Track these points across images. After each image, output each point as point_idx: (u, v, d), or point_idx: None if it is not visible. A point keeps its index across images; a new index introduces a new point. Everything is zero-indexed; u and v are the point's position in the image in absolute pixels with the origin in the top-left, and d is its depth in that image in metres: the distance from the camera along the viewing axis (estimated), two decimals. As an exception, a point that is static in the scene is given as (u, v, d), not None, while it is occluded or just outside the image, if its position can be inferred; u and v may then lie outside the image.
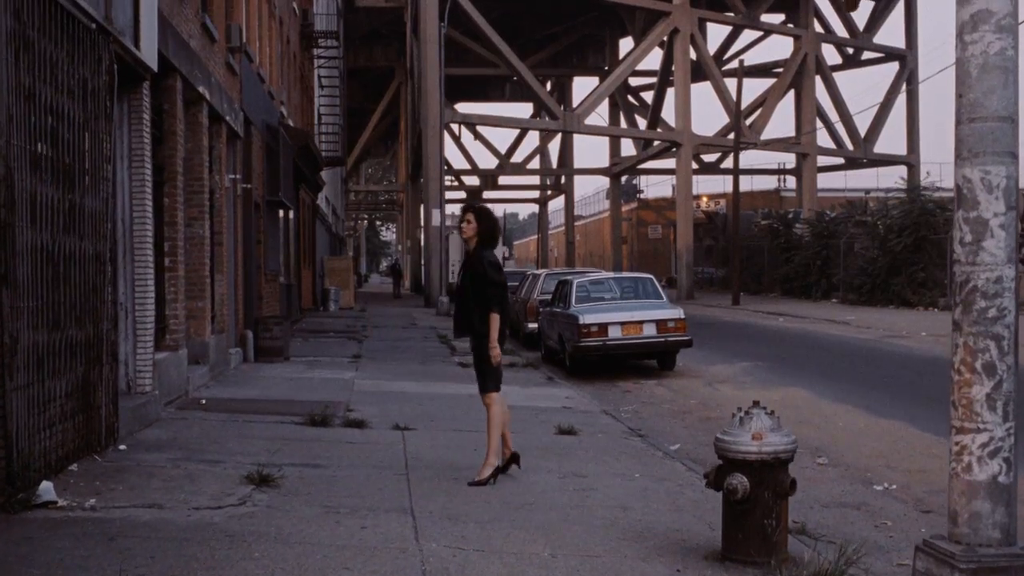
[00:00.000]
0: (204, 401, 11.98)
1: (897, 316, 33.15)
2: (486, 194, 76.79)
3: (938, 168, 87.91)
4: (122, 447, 8.79)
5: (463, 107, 53.41)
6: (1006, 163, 3.78)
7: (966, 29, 3.83)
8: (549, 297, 22.29)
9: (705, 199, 73.98)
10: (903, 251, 36.45)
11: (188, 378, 12.63)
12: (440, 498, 7.59)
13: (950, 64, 54.24)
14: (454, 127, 67.57)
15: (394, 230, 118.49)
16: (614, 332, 17.04)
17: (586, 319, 17.02)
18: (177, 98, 12.24)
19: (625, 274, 19.20)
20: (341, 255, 48.02)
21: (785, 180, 72.07)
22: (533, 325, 22.15)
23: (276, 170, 20.75)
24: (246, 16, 18.60)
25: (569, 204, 71.86)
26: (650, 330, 17.10)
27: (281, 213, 22.63)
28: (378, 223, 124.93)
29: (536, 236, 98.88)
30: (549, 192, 77.00)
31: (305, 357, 18.44)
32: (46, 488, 6.73)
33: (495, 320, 8.07)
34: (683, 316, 17.19)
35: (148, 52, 10.12)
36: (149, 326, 10.53)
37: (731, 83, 53.64)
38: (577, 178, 75.87)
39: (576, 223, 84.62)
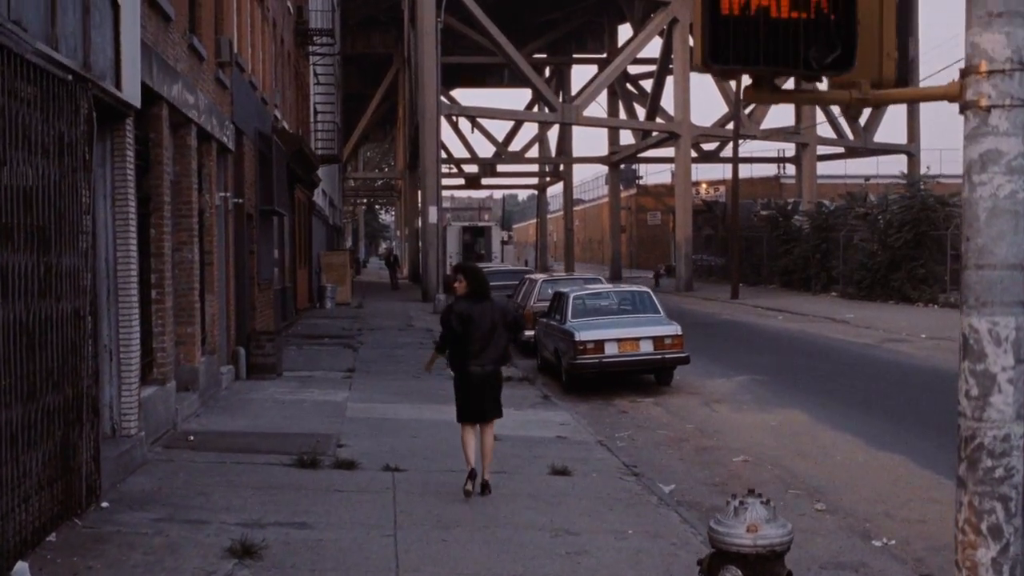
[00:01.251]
0: (192, 437, 11.78)
1: (897, 313, 32.94)
2: (484, 181, 76.47)
3: (938, 155, 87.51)
4: (105, 504, 8.59)
5: (461, 93, 53.13)
6: (1016, 314, 3.56)
7: (974, 169, 3.61)
8: (546, 305, 22.19)
9: (704, 185, 73.67)
10: (903, 246, 36.22)
11: (176, 410, 12.43)
12: (428, 568, 7.40)
13: (953, 62, 54.04)
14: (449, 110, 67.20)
15: (393, 213, 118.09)
16: (610, 349, 16.84)
17: (582, 336, 16.82)
18: (163, 126, 12.00)
19: (622, 287, 18.97)
20: (338, 248, 47.78)
21: (784, 167, 71.70)
22: (530, 333, 21.89)
23: (269, 179, 20.50)
24: (237, 26, 18.30)
25: (568, 192, 71.49)
26: (647, 347, 16.90)
27: (275, 219, 22.38)
28: (377, 207, 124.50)
29: (535, 220, 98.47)
30: (548, 179, 76.61)
31: (298, 372, 18.23)
32: (21, 570, 6.53)
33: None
34: (680, 332, 16.97)
35: (131, 90, 9.87)
36: (134, 367, 10.31)
37: (731, 72, 53.26)
38: (576, 164, 75.57)
39: (575, 207, 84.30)
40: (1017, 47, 3.56)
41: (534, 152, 66.61)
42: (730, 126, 47.92)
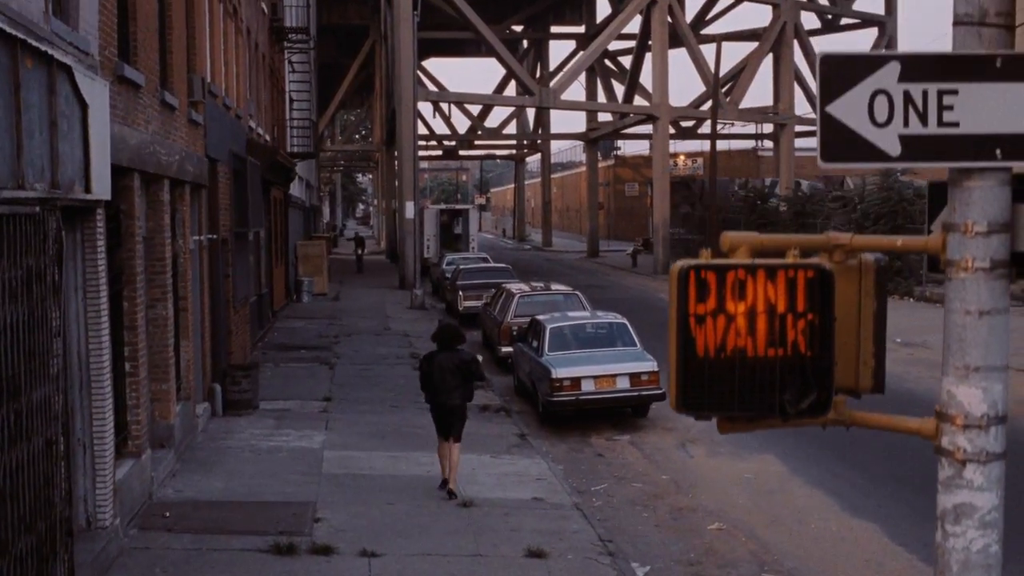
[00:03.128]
0: (168, 514, 11.73)
1: (872, 309, 33.10)
2: (462, 152, 76.12)
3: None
4: (79, 622, 8.57)
5: (437, 63, 52.37)
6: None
7: (947, 518, 3.60)
8: (523, 321, 22.18)
9: (682, 157, 73.64)
10: (879, 238, 36.35)
11: (152, 477, 12.39)
12: None
13: (933, 39, 54.08)
14: (429, 83, 66.65)
15: (371, 177, 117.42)
16: (587, 386, 16.89)
17: (559, 373, 16.84)
18: (134, 196, 11.84)
19: (600, 317, 18.92)
20: (315, 235, 47.51)
21: (763, 140, 71.67)
22: (507, 349, 21.96)
23: (244, 199, 20.30)
24: (210, 51, 18.02)
25: (546, 164, 71.21)
26: (623, 383, 16.95)
27: (251, 235, 22.19)
28: (355, 173, 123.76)
29: (513, 185, 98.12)
30: (526, 150, 76.30)
31: (274, 402, 18.18)
32: None
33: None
34: (656, 369, 17.01)
35: (101, 187, 9.72)
36: (108, 457, 10.25)
37: (708, 49, 53.01)
38: (553, 126, 75.19)
39: (553, 175, 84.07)
40: (994, 401, 3.54)
41: (512, 127, 66.19)
42: (708, 104, 47.80)
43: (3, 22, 7.30)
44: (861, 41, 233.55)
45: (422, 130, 54.47)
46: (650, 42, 48.00)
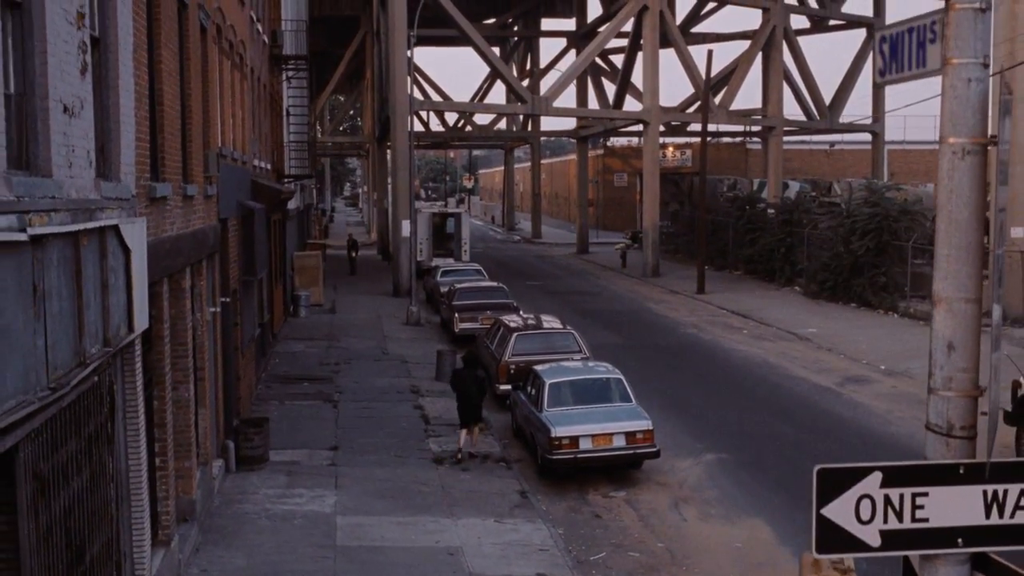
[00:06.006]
0: (196, 601, 12.50)
1: (858, 324, 34.06)
2: (452, 142, 76.49)
3: (902, 121, 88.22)
4: None
5: (427, 52, 52.55)
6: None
7: None
8: (520, 360, 22.98)
9: (671, 149, 74.22)
10: (865, 253, 37.22)
11: (179, 560, 13.14)
12: None
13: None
14: (421, 79, 67.00)
15: (360, 161, 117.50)
16: (585, 444, 17.69)
17: (558, 431, 17.63)
18: (163, 301, 12.51)
19: (597, 372, 19.67)
20: (310, 241, 48.07)
21: (751, 138, 72.32)
22: (505, 387, 22.73)
23: (251, 247, 20.93)
24: (220, 112, 18.59)
25: (535, 161, 71.69)
26: (619, 441, 17.75)
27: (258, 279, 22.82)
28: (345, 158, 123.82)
29: (502, 168, 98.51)
30: (515, 141, 76.76)
31: (283, 453, 18.91)
32: None
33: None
34: (651, 427, 17.82)
35: (141, 318, 10.40)
36: (146, 562, 10.99)
37: (698, 51, 53.57)
38: (544, 122, 75.68)
39: (543, 160, 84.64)
40: None
41: (503, 123, 66.63)
42: (697, 105, 48.43)
43: (66, 218, 7.97)
44: (849, 41, 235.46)
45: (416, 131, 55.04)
46: (641, 41, 48.52)
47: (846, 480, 4.24)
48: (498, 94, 69.37)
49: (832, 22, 57.83)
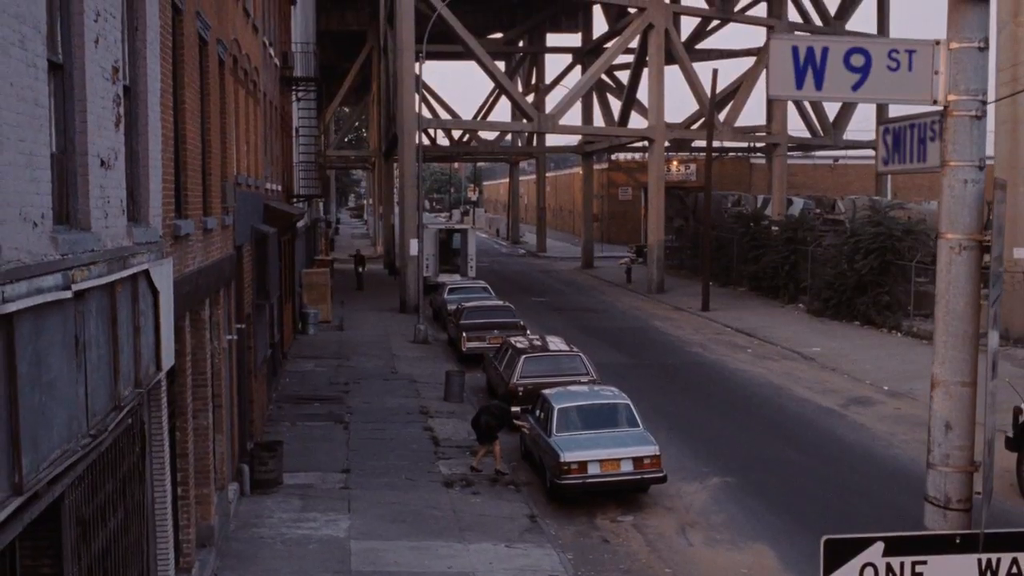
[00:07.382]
0: (217, 628, 12.84)
1: (862, 344, 34.36)
2: (457, 155, 76.94)
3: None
4: None
5: (432, 66, 53.11)
6: None
7: None
8: (529, 382, 23.34)
9: (676, 163, 74.66)
10: (869, 272, 37.56)
11: (199, 586, 13.48)
12: None
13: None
14: (425, 75, 67.47)
15: (365, 174, 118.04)
16: (593, 469, 18.02)
17: (567, 457, 17.97)
18: (186, 334, 12.86)
19: (605, 397, 19.98)
20: (317, 258, 48.50)
21: (755, 148, 72.75)
22: (514, 409, 23.04)
23: (264, 271, 21.29)
24: (236, 143, 18.97)
25: (540, 176, 72.16)
26: (627, 467, 18.09)
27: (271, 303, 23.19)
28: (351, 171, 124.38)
29: (507, 180, 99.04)
30: (520, 156, 77.22)
31: (297, 476, 19.25)
32: None
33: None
34: (658, 453, 18.16)
35: (168, 356, 10.75)
36: (169, 591, 11.32)
37: (703, 67, 54.03)
38: (548, 137, 76.20)
39: (547, 174, 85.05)
40: None
41: (508, 138, 67.09)
42: (702, 121, 48.84)
43: (104, 269, 8.33)
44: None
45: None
46: (647, 58, 48.93)
47: (850, 549, 4.58)
48: (503, 107, 70.04)
49: (836, 39, 58.21)
